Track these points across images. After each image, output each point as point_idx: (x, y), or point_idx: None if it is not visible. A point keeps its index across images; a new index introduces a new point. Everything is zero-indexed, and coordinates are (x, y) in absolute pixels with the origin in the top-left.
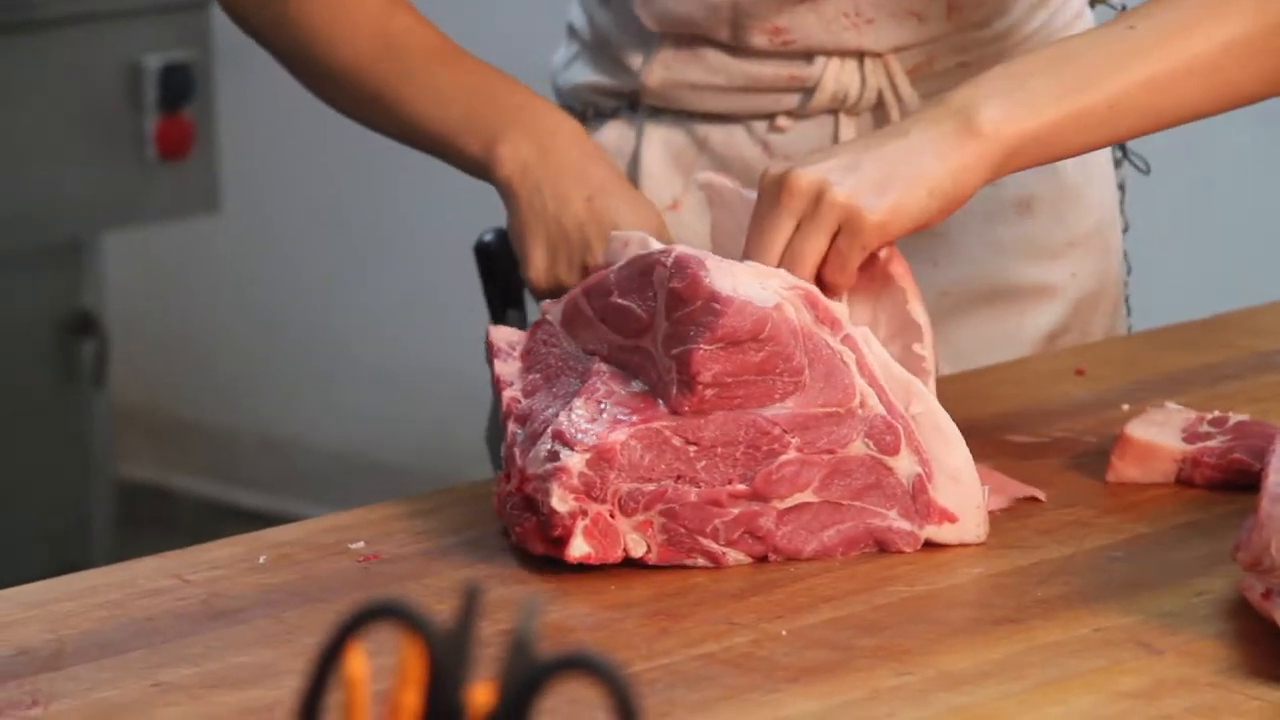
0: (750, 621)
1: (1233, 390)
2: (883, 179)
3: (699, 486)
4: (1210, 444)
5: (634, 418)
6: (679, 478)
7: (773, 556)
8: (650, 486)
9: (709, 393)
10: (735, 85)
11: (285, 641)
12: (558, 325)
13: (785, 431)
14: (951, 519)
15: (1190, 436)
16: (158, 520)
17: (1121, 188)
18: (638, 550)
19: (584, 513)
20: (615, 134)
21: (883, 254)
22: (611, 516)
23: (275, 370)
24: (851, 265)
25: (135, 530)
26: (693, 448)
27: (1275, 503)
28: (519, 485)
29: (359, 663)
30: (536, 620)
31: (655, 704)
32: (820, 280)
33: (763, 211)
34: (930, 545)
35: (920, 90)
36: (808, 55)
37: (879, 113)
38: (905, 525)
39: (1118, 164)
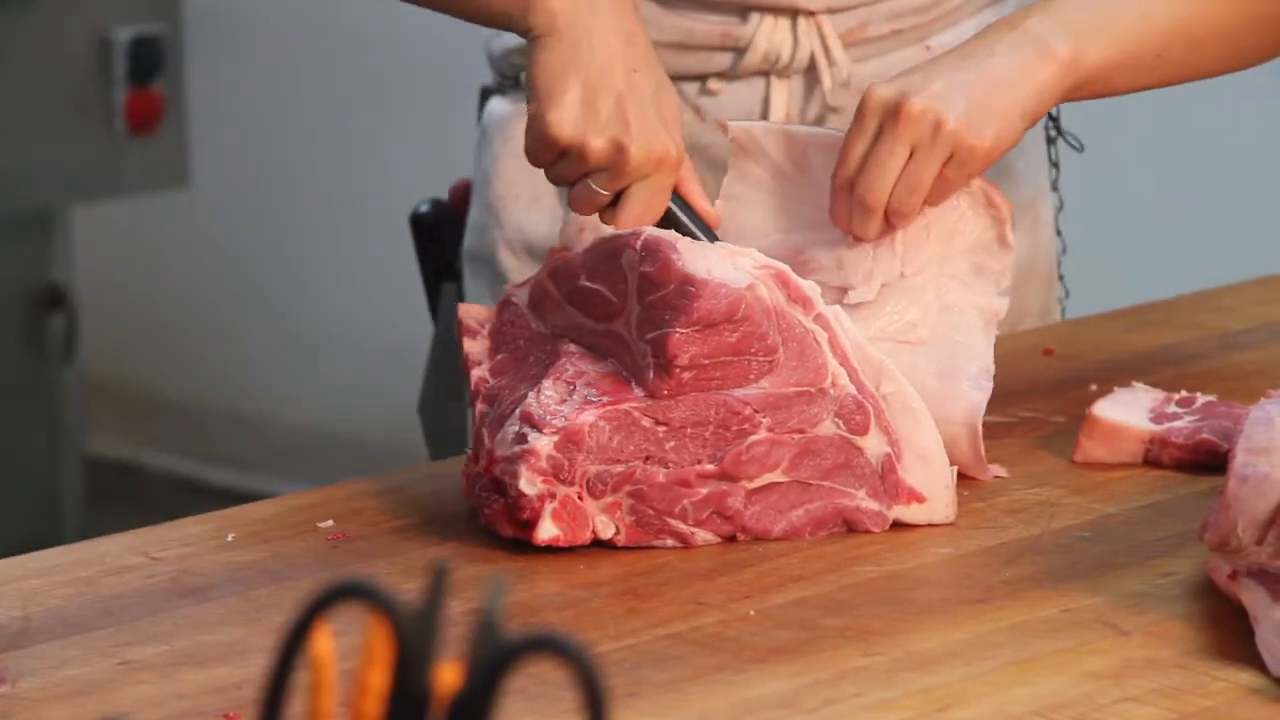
0: (718, 601)
1: (1201, 370)
2: (985, 107)
3: (667, 467)
4: (1178, 424)
5: (603, 399)
6: (647, 458)
7: (741, 536)
8: (619, 468)
9: (686, 375)
10: (667, 41)
11: (254, 620)
12: (524, 307)
13: (756, 411)
14: (920, 499)
15: (1158, 417)
16: (128, 497)
17: (1055, 165)
18: (606, 532)
19: (552, 495)
20: None
21: (978, 183)
22: (580, 499)
23: (246, 346)
24: (954, 190)
25: (105, 507)
26: (662, 428)
27: (1242, 483)
28: (487, 467)
29: (325, 642)
30: (503, 600)
31: (623, 683)
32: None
33: (868, 129)
34: (898, 525)
35: (852, 56)
36: (743, 11)
37: (810, 76)
38: (873, 505)
39: (1051, 141)
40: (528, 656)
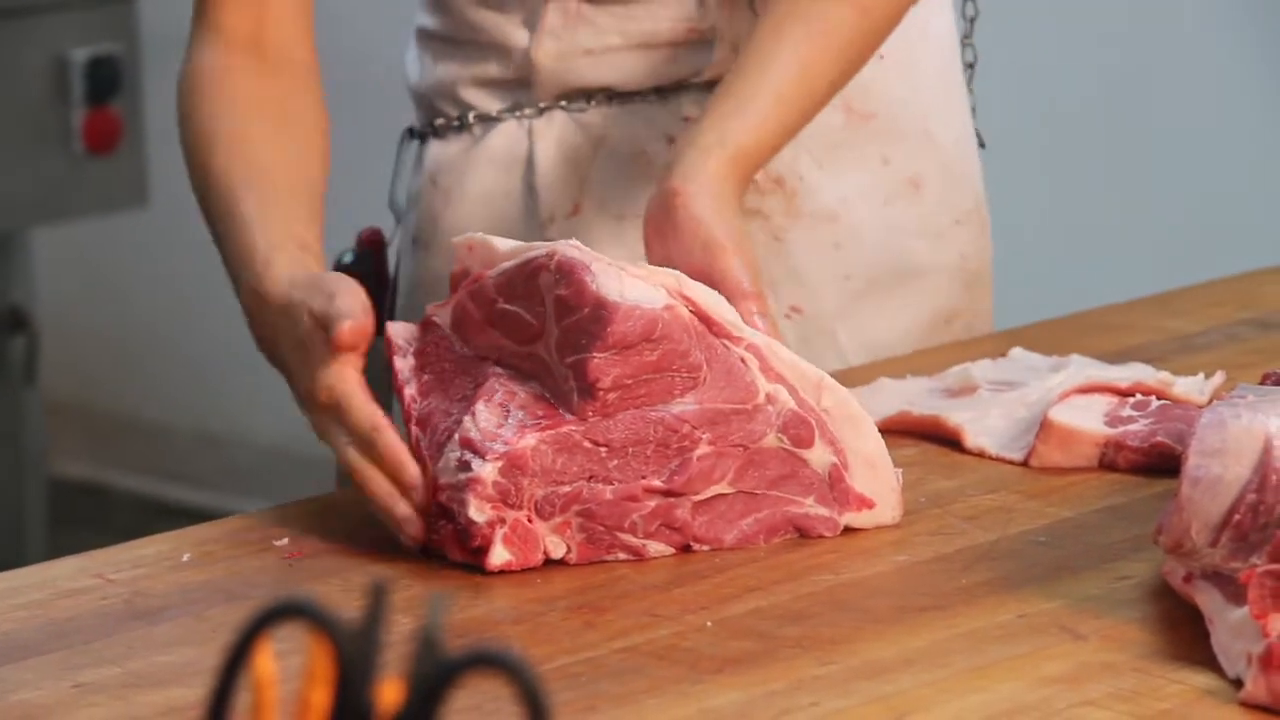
0: (674, 613)
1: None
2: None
3: (613, 485)
4: (1133, 428)
5: (542, 421)
6: (591, 478)
7: (695, 546)
8: (565, 488)
9: (611, 396)
10: (631, 43)
11: (208, 640)
12: (447, 329)
13: (695, 427)
14: (869, 505)
15: (1113, 420)
16: (92, 518)
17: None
18: (558, 551)
19: (502, 521)
20: (504, 139)
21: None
22: (529, 521)
23: (208, 365)
24: None
25: (69, 529)
26: (603, 449)
27: (1194, 486)
28: (432, 493)
29: (267, 662)
30: (444, 617)
31: (579, 697)
32: None
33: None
34: (853, 532)
35: None
36: None
37: None
38: (823, 511)
39: (982, 145)
40: (468, 673)
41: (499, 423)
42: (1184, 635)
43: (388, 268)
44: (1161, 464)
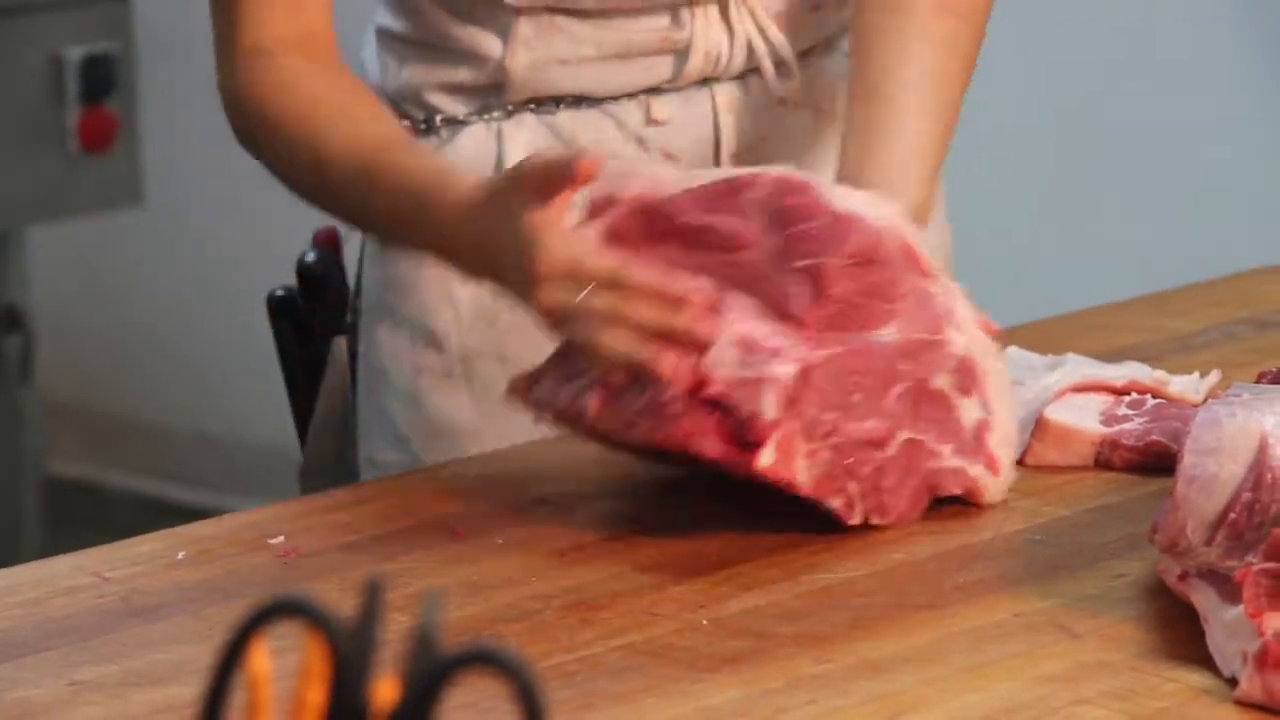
0: (671, 611)
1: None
2: None
3: (861, 422)
4: (1128, 426)
5: (807, 340)
6: (844, 409)
7: (872, 518)
8: (831, 415)
9: (835, 308)
10: (606, 54)
11: (205, 638)
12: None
13: (902, 359)
14: (997, 470)
15: (1108, 419)
16: (90, 519)
17: None
18: (802, 475)
19: (782, 424)
20: (473, 142)
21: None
22: (797, 437)
23: (206, 365)
24: None
25: (66, 528)
26: (857, 377)
27: (1190, 484)
28: (696, 387)
29: (262, 660)
30: (440, 615)
31: (576, 695)
32: None
33: None
34: (849, 531)
35: (786, 34)
36: (674, 10)
37: (755, 81)
38: (957, 463)
39: None
40: (464, 670)
41: (774, 331)
42: (1179, 634)
43: (344, 265)
44: (1157, 463)
